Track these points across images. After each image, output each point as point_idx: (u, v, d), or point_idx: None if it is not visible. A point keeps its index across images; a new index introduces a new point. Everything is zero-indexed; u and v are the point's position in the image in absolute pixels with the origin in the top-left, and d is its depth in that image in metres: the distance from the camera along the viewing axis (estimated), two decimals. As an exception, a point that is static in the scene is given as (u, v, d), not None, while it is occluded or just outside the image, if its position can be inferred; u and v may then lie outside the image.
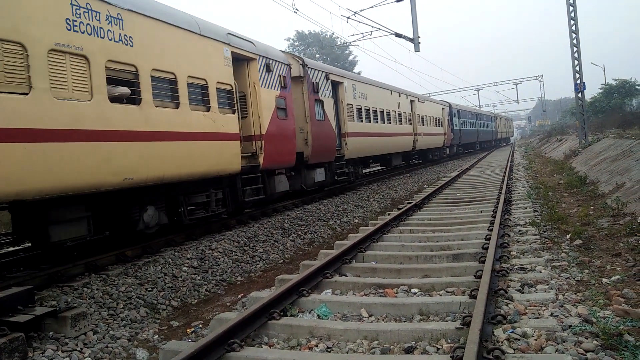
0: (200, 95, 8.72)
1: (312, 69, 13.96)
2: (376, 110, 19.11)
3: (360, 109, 17.46)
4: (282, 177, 11.92)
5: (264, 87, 10.82)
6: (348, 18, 19.88)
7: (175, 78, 8.06)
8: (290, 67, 12.48)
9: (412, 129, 24.34)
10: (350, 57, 64.97)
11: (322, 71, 14.74)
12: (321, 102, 14.23)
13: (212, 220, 10.01)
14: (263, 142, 10.54)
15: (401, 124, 22.50)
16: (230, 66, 9.68)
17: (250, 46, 10.64)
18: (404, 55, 35.22)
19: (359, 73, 56.19)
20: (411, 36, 18.90)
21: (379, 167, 26.20)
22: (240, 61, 10.32)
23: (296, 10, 17.42)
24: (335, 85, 15.66)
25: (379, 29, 20.60)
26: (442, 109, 31.69)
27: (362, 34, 21.85)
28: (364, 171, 21.30)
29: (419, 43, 18.86)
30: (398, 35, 19.77)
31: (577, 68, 23.48)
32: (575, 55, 23.37)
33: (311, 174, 13.67)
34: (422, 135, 25.81)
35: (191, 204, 9.19)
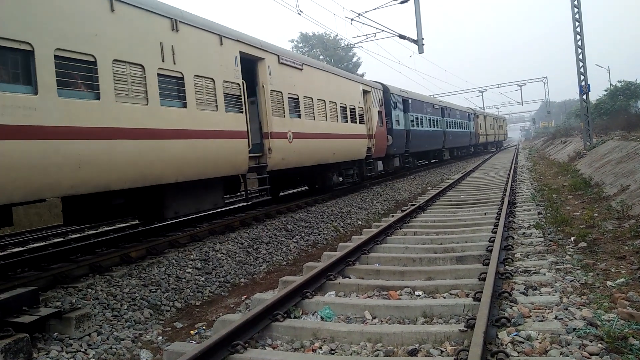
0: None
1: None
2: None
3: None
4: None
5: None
6: (352, 20, 19.90)
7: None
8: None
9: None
10: (354, 59, 64.98)
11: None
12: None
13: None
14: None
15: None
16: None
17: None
18: (407, 57, 33.93)
19: (362, 75, 56.13)
20: (415, 38, 18.88)
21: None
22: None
23: (300, 12, 17.46)
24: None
25: (383, 30, 20.62)
26: (366, 92, 17.70)
27: (366, 35, 22.01)
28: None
29: (423, 45, 18.84)
30: (402, 36, 19.77)
31: (582, 70, 23.40)
32: (580, 57, 23.30)
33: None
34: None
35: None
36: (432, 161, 31.33)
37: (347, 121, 15.41)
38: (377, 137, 18.16)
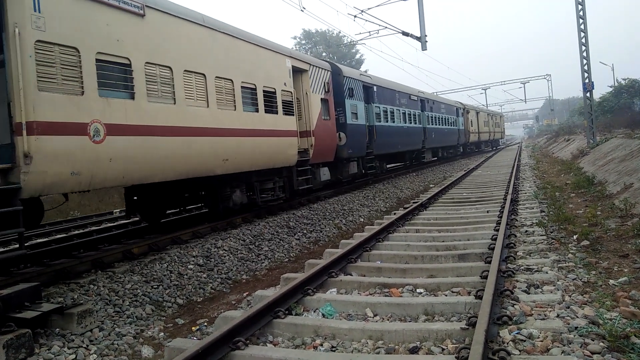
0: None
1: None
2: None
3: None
4: None
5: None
6: (355, 16, 19.85)
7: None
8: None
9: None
10: (357, 56, 64.85)
11: None
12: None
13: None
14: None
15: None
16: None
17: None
18: (410, 54, 33.10)
19: (365, 71, 55.98)
20: (418, 35, 18.82)
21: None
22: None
23: (303, 9, 17.40)
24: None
25: (386, 27, 20.56)
26: (300, 72, 12.71)
27: (369, 32, 21.82)
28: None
29: (426, 42, 18.78)
30: (405, 33, 19.70)
31: (586, 67, 23.30)
32: (584, 54, 23.19)
33: None
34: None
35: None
36: (412, 164, 25.61)
37: (256, 110, 10.25)
38: (320, 134, 13.14)
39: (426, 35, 18.69)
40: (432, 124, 26.97)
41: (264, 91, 10.55)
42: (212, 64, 8.89)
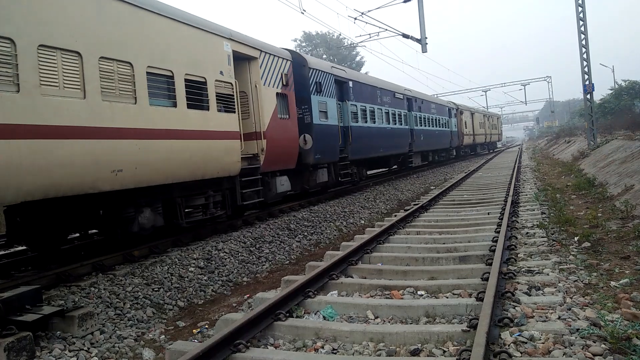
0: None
1: None
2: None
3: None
4: None
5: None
6: (355, 19, 19.89)
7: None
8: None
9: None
10: (358, 58, 64.93)
11: None
12: None
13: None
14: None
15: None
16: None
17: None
18: (411, 56, 33.04)
19: (366, 74, 55.98)
20: (418, 37, 18.85)
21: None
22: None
23: (303, 11, 17.45)
24: None
25: (386, 29, 20.59)
26: (246, 60, 10.47)
27: (369, 34, 21.84)
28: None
29: (426, 44, 18.81)
30: (405, 35, 19.73)
31: (586, 69, 23.31)
32: (584, 56, 23.21)
33: None
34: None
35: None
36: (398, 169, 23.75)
37: (174, 104, 7.96)
38: (275, 136, 10.89)
39: (426, 38, 18.74)
40: (421, 125, 24.87)
41: (187, 80, 8.21)
42: (93, 40, 6.56)
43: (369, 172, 20.64)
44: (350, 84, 16.40)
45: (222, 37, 9.36)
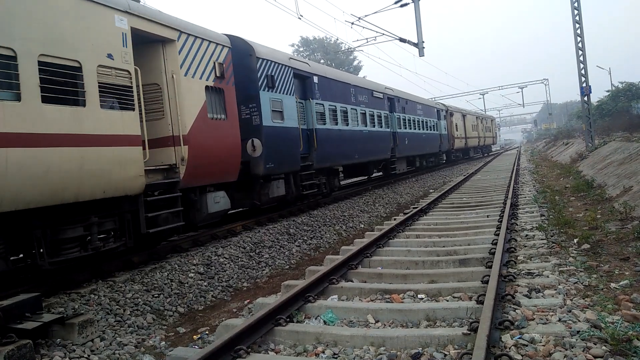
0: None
1: None
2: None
3: None
4: None
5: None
6: (352, 23, 19.96)
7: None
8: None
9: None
10: (355, 62, 65.09)
11: None
12: None
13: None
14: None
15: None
16: None
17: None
18: (408, 60, 32.81)
19: (364, 77, 55.98)
20: (415, 41, 18.93)
21: None
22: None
23: (300, 17, 17.52)
24: None
25: (383, 34, 20.66)
26: (159, 43, 8.06)
27: (367, 39, 21.90)
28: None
29: (424, 48, 18.88)
30: (402, 40, 19.81)
31: (583, 71, 23.41)
32: (581, 58, 23.31)
33: None
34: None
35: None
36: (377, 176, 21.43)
37: (17, 98, 5.45)
38: (203, 142, 8.57)
39: (423, 42, 18.80)
40: (405, 128, 22.35)
41: (43, 63, 5.75)
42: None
43: (348, 181, 18.50)
44: (315, 79, 13.81)
45: (110, 8, 6.88)
